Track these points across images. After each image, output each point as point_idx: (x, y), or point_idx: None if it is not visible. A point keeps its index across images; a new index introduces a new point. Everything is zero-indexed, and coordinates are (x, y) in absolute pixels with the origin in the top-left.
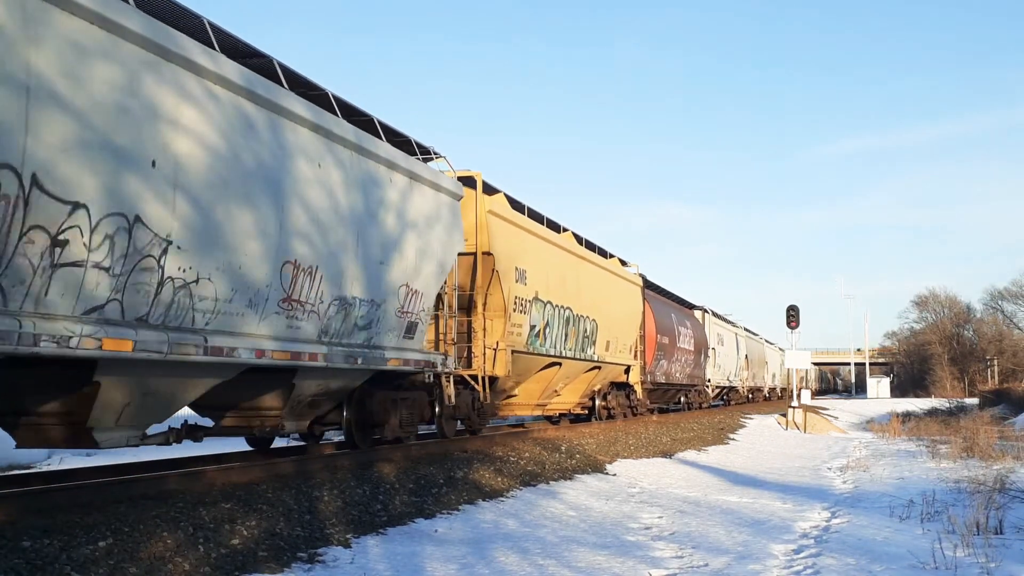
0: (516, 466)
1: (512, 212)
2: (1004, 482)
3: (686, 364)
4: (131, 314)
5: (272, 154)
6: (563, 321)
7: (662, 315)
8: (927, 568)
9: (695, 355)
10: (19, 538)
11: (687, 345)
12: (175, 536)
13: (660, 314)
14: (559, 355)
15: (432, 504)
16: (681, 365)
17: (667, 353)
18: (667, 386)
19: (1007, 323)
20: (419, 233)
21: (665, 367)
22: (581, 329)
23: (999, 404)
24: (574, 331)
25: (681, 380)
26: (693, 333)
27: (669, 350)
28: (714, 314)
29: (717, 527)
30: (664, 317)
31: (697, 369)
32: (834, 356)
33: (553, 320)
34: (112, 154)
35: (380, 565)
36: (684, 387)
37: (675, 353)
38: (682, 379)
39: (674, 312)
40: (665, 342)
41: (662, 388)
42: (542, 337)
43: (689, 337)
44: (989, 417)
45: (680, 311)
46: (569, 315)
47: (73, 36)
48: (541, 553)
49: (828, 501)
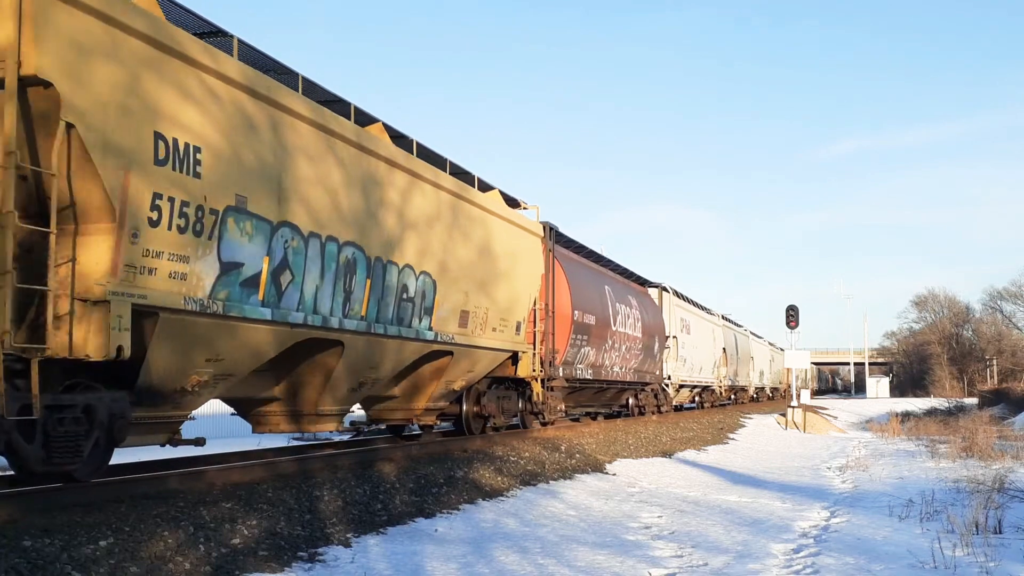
0: (516, 466)
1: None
2: (1003, 482)
3: (630, 355)
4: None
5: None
6: (342, 266)
7: (584, 284)
8: (926, 567)
9: (645, 344)
10: (20, 537)
11: (632, 330)
12: (176, 535)
13: (581, 283)
14: (326, 325)
15: (432, 504)
16: (621, 356)
17: (594, 338)
18: (597, 384)
19: (1006, 323)
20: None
21: (592, 357)
22: (391, 286)
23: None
24: (369, 285)
25: (622, 376)
26: (643, 315)
27: (598, 334)
28: (677, 294)
29: (717, 526)
30: (588, 288)
31: (649, 363)
32: (833, 356)
33: (309, 261)
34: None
35: (380, 564)
36: (629, 385)
37: (610, 339)
38: (624, 375)
39: (611, 284)
40: (589, 322)
41: (590, 386)
42: (268, 286)
43: (635, 320)
44: (988, 417)
45: (623, 285)
46: (357, 258)
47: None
48: (541, 552)
49: (827, 501)
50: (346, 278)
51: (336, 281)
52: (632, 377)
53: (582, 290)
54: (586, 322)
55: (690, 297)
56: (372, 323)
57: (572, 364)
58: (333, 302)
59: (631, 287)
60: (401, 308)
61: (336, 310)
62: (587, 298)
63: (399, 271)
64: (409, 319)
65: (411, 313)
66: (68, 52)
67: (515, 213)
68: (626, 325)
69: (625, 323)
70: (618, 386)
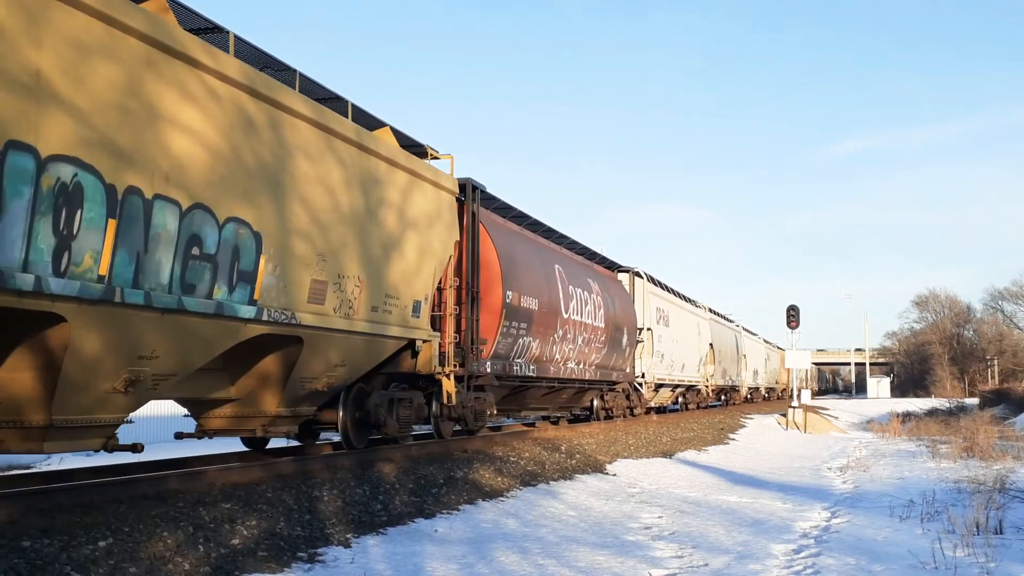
0: (516, 466)
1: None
2: (1004, 482)
3: (590, 349)
4: None
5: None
6: (48, 195)
7: (524, 261)
8: (927, 568)
9: (611, 336)
10: (19, 538)
11: (593, 319)
12: (175, 536)
13: (518, 258)
14: (12, 287)
15: (432, 504)
16: (577, 349)
17: (538, 327)
18: (545, 383)
19: (1007, 323)
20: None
21: (535, 350)
22: (162, 233)
23: (999, 404)
24: (114, 229)
25: (580, 374)
26: (608, 303)
27: (544, 322)
28: (653, 280)
29: (717, 527)
30: (530, 266)
31: (616, 358)
32: (834, 356)
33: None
34: None
35: (380, 565)
36: (590, 385)
37: (561, 329)
38: (582, 372)
39: (563, 264)
40: (530, 307)
41: (535, 385)
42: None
43: (597, 308)
44: (989, 417)
45: (582, 266)
46: (83, 183)
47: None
48: (541, 553)
49: (828, 501)
50: (60, 215)
51: (36, 219)
52: (594, 375)
53: (520, 268)
54: (525, 307)
55: (671, 286)
56: (122, 288)
57: (507, 358)
58: (30, 251)
59: (594, 270)
60: (190, 269)
61: (39, 264)
62: (527, 278)
63: (182, 214)
64: (207, 286)
65: (209, 278)
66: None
67: (417, 161)
68: (583, 313)
69: (582, 310)
70: (575, 385)
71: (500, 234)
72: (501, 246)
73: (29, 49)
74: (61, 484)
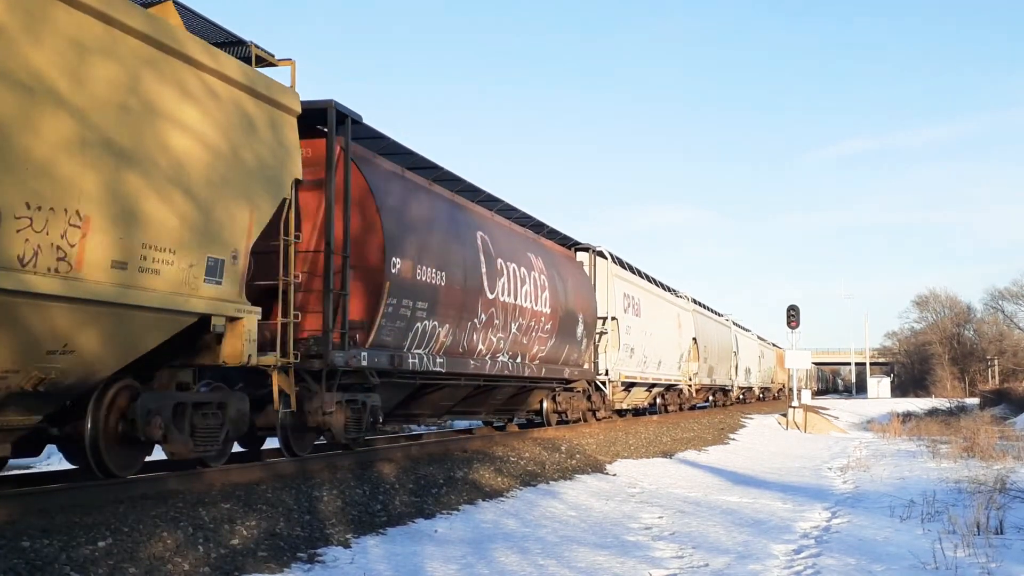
0: (516, 466)
1: None
2: (1004, 482)
3: (530, 339)
4: None
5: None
6: None
7: (419, 217)
8: (927, 568)
9: (562, 324)
10: (19, 538)
11: (532, 302)
12: (175, 536)
13: (407, 212)
14: None
15: (432, 504)
16: (511, 340)
17: (447, 308)
18: (457, 380)
19: (1008, 323)
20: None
21: (446, 338)
22: None
23: (999, 404)
24: None
25: (516, 370)
26: (554, 285)
27: (457, 303)
28: (620, 262)
29: (717, 527)
30: (433, 227)
31: (570, 351)
32: (834, 356)
33: None
34: None
35: (380, 565)
36: (534, 383)
37: (485, 313)
38: (519, 367)
39: (490, 231)
40: (429, 280)
41: (451, 384)
42: None
43: (539, 289)
44: (989, 417)
45: (520, 237)
46: None
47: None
48: (541, 553)
49: (828, 501)
50: None
51: None
52: (538, 371)
53: (417, 230)
54: (425, 281)
55: (643, 270)
56: None
57: (398, 348)
58: None
59: (540, 244)
60: None
61: None
62: (429, 245)
63: None
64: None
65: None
66: None
67: (221, 56)
68: (520, 294)
69: (517, 291)
70: (512, 383)
71: (386, 183)
72: (386, 199)
73: None
74: (61, 484)
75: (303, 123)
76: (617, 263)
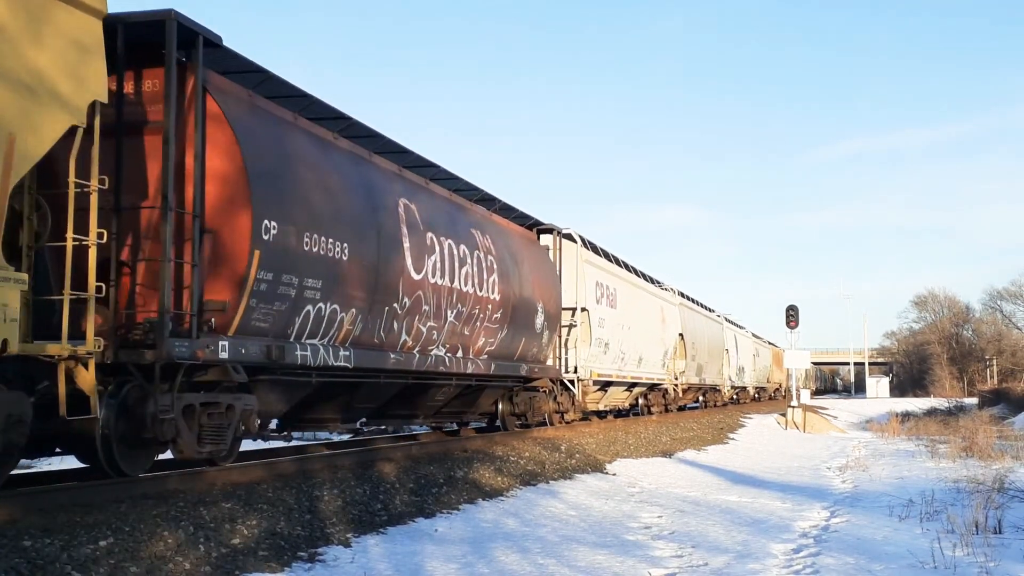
0: (516, 466)
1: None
2: (1003, 482)
3: (474, 331)
4: None
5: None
6: None
7: (308, 169)
8: (926, 567)
9: (512, 314)
10: (20, 537)
11: (475, 287)
12: (176, 535)
13: (289, 162)
14: None
15: (432, 503)
16: (446, 330)
17: (349, 288)
18: (376, 377)
19: (1006, 323)
20: None
21: (345, 325)
22: None
23: (998, 404)
24: None
25: (456, 366)
26: (504, 267)
27: (365, 283)
28: (591, 247)
29: (717, 526)
30: (325, 181)
31: (523, 344)
32: (833, 356)
33: None
34: None
35: (381, 564)
36: (477, 381)
37: (409, 297)
38: (460, 364)
39: (413, 197)
40: (323, 253)
41: (367, 382)
42: None
43: (486, 271)
44: (988, 417)
45: (457, 207)
46: None
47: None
48: (541, 552)
49: (827, 501)
50: None
51: None
52: (487, 368)
53: (303, 185)
54: (316, 253)
55: (619, 257)
56: None
57: (282, 337)
58: None
59: (491, 221)
60: None
61: None
62: (321, 205)
63: None
64: None
65: None
66: None
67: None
68: (458, 277)
69: (455, 273)
70: (453, 382)
71: (262, 128)
72: (259, 149)
73: None
74: (61, 484)
75: (150, 49)
76: (589, 248)
